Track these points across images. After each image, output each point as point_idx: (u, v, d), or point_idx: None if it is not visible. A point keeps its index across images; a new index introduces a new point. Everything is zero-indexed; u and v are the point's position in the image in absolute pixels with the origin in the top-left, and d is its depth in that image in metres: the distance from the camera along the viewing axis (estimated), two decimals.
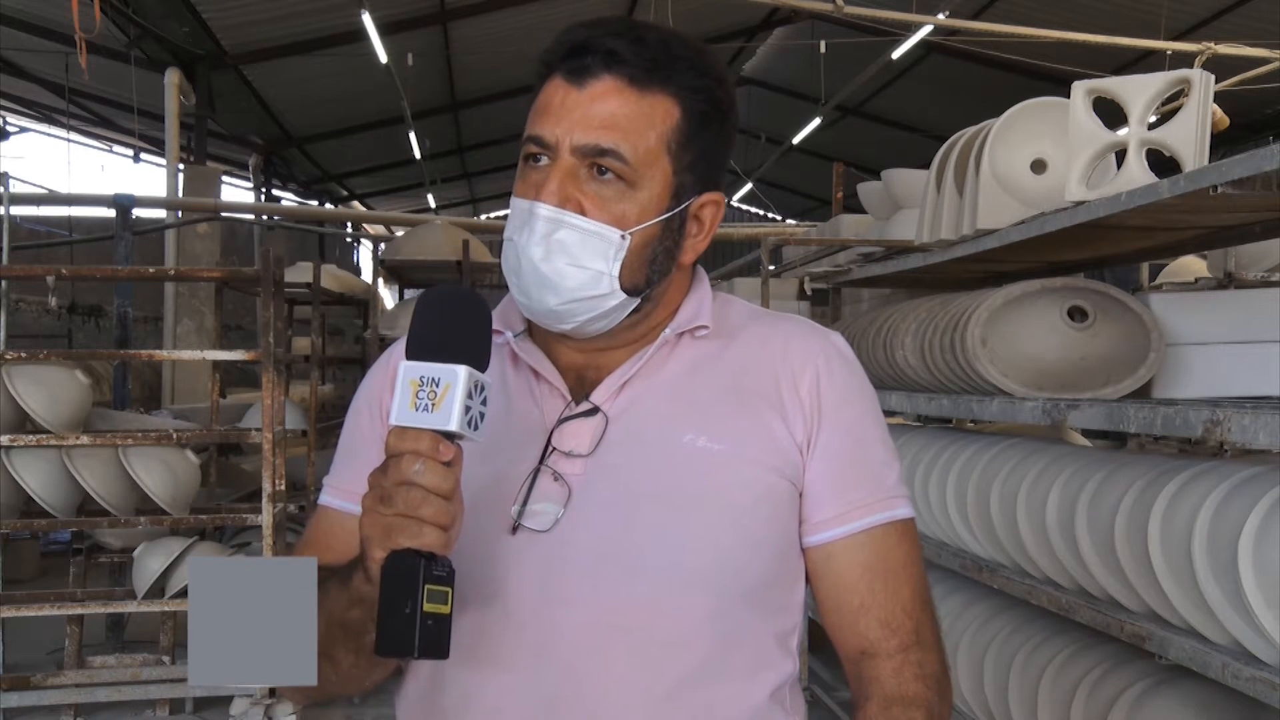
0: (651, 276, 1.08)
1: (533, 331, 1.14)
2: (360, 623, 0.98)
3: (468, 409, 0.91)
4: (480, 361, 0.93)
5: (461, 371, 0.91)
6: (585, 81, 1.04)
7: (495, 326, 1.11)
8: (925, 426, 3.70)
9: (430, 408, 0.90)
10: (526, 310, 1.09)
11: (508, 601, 1.04)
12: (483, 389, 0.93)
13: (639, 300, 1.08)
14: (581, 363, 1.12)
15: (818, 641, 3.77)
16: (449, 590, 0.91)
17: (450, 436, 0.91)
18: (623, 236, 1.05)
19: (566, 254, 1.04)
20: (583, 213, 1.04)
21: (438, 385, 0.91)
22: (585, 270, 1.04)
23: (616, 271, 1.05)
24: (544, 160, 1.06)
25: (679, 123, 1.07)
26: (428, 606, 0.89)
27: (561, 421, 1.09)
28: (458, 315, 0.95)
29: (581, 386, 1.11)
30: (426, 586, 0.89)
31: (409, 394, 0.91)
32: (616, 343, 1.12)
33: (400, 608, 0.89)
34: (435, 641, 0.90)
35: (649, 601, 1.03)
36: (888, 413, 3.77)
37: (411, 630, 0.89)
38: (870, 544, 1.10)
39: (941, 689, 1.11)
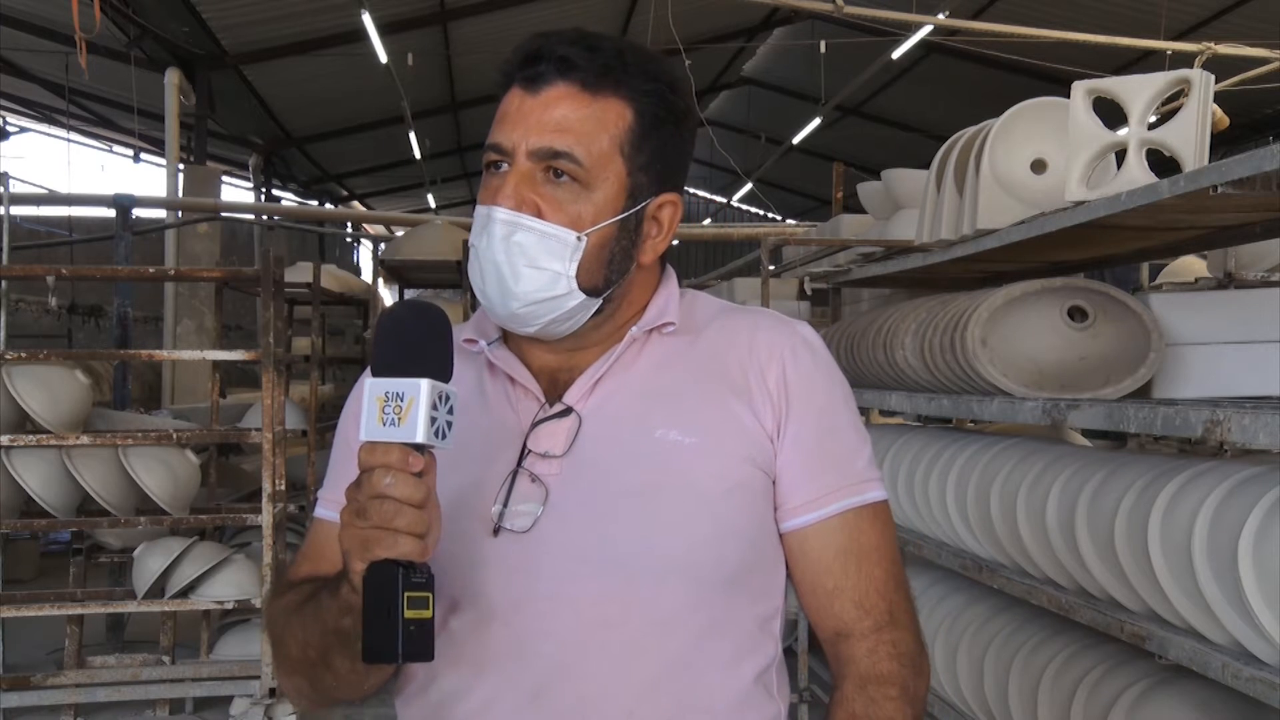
0: (610, 277, 1.11)
1: (507, 338, 1.17)
2: (352, 630, 1.00)
3: (433, 420, 0.93)
4: (442, 373, 0.95)
5: (423, 384, 0.93)
6: (539, 89, 1.08)
7: (470, 335, 1.15)
8: (925, 426, 3.70)
9: (396, 422, 0.93)
10: (491, 314, 1.12)
11: (492, 601, 1.07)
12: (448, 399, 0.95)
13: (600, 301, 1.11)
14: (554, 365, 1.15)
15: (818, 641, 3.76)
16: (429, 595, 0.94)
17: (419, 448, 0.93)
18: (578, 238, 1.08)
19: (525, 255, 1.07)
20: (539, 215, 1.07)
21: (402, 399, 0.93)
22: (543, 272, 1.07)
23: (574, 272, 1.08)
24: (504, 167, 1.09)
25: (631, 125, 1.10)
26: (409, 613, 0.92)
27: (536, 424, 1.11)
28: (417, 329, 0.97)
29: (555, 388, 1.14)
30: (406, 594, 0.92)
31: (375, 410, 0.94)
32: (585, 343, 1.14)
33: (382, 616, 0.92)
34: (419, 646, 0.93)
35: (629, 594, 1.06)
36: (888, 413, 3.77)
37: (394, 637, 0.92)
38: (843, 528, 1.13)
39: (917, 667, 1.13)
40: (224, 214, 9.76)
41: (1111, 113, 2.28)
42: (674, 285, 1.20)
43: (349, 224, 15.16)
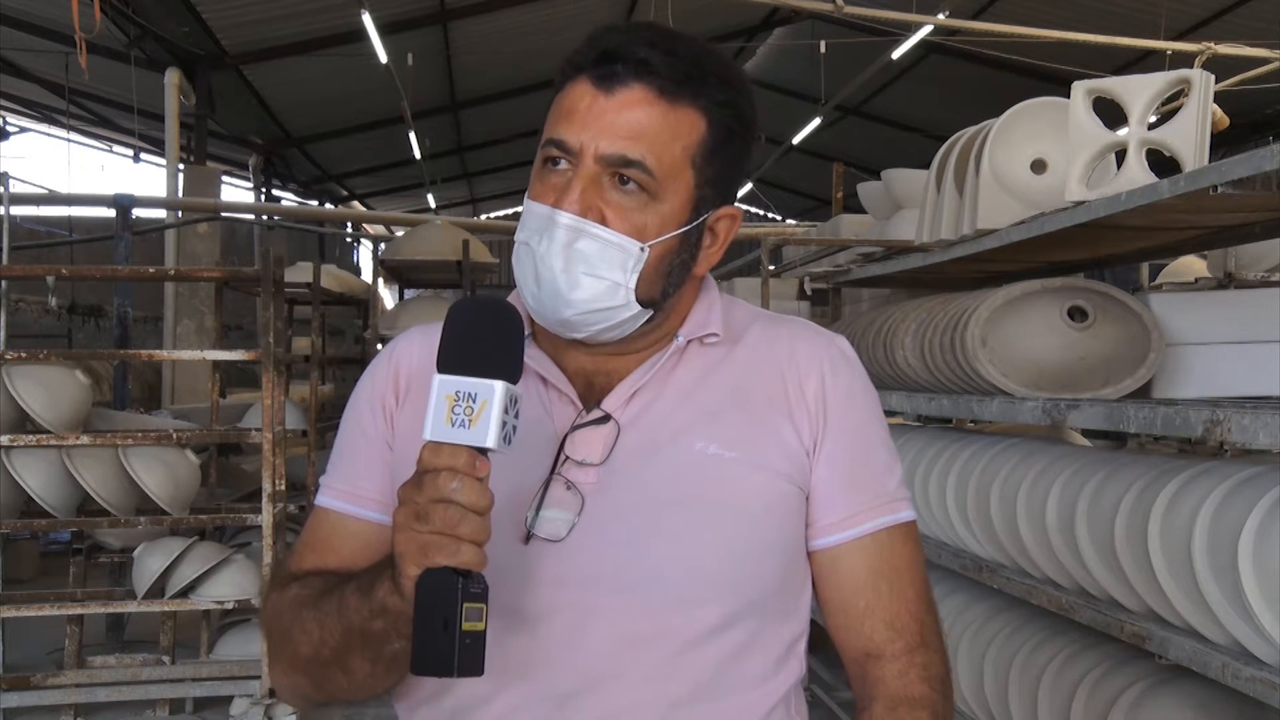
0: (667, 289, 1.08)
1: (538, 336, 1.13)
2: (383, 633, 0.97)
3: (504, 424, 0.89)
4: (514, 374, 0.91)
5: (499, 387, 0.89)
6: (614, 89, 1.03)
7: None
8: (925, 426, 3.70)
9: (467, 424, 0.88)
10: (539, 317, 1.08)
11: (522, 610, 1.03)
12: (516, 402, 0.91)
13: (652, 312, 1.08)
14: (590, 369, 1.11)
15: (817, 641, 3.76)
16: (484, 607, 0.90)
17: (484, 451, 0.90)
18: (642, 249, 1.04)
19: (585, 263, 1.03)
20: (604, 222, 1.03)
21: (474, 400, 0.88)
22: (602, 281, 1.03)
23: (633, 283, 1.04)
24: (564, 164, 1.04)
25: (704, 137, 1.06)
26: (465, 625, 0.88)
27: (574, 429, 1.08)
28: (492, 326, 0.93)
29: (590, 393, 1.10)
30: (464, 605, 0.88)
31: (445, 409, 0.89)
32: (627, 350, 1.11)
33: (438, 626, 0.88)
34: (473, 659, 0.89)
35: (664, 609, 1.03)
36: (888, 413, 3.76)
37: (451, 649, 0.87)
38: (875, 547, 1.11)
39: (945, 690, 1.11)
40: (224, 214, 9.76)
41: (1111, 113, 2.28)
42: (715, 292, 1.17)
43: (349, 224, 15.16)
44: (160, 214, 9.96)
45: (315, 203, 17.66)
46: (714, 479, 1.06)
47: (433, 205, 18.84)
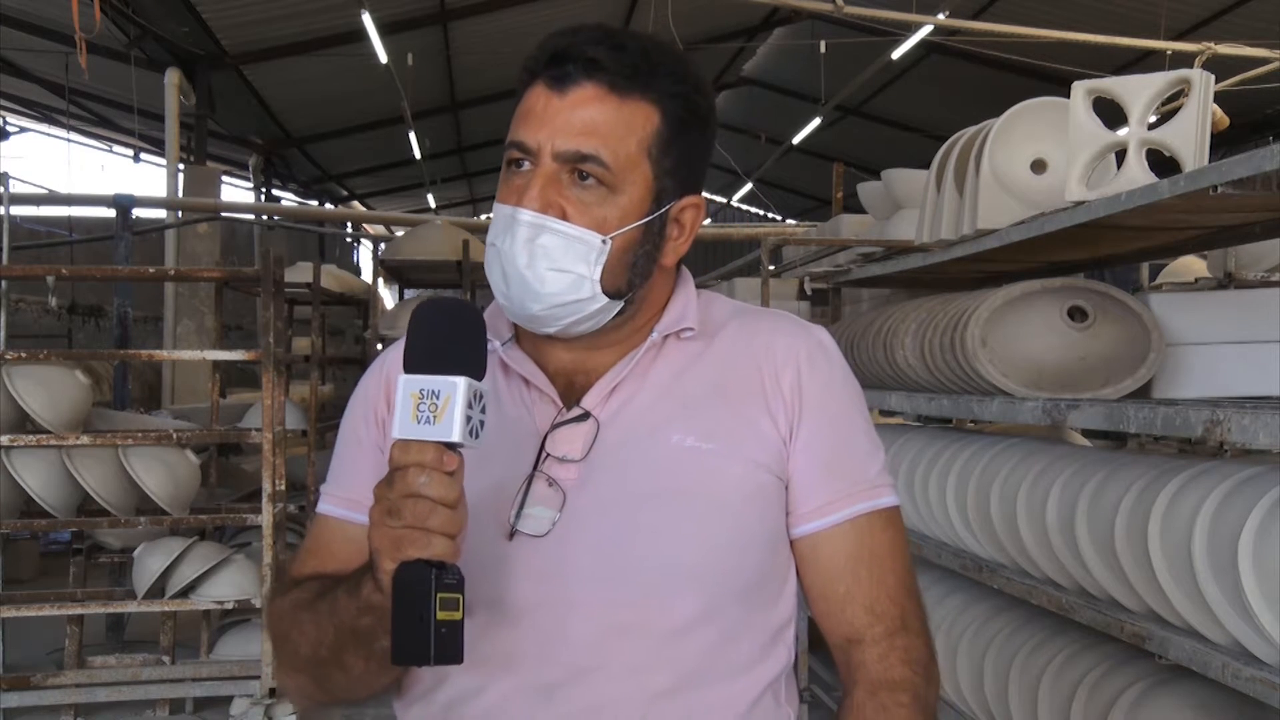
0: (633, 280, 1.10)
1: (520, 338, 1.16)
2: (371, 630, 0.99)
3: (468, 419, 0.92)
4: (478, 370, 0.94)
5: (461, 383, 0.92)
6: (566, 89, 1.06)
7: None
8: (925, 426, 3.70)
9: (432, 420, 0.91)
10: (510, 314, 1.11)
11: (507, 606, 1.06)
12: (482, 397, 0.94)
13: (622, 303, 1.10)
14: (571, 367, 1.14)
15: (818, 641, 3.76)
16: (460, 596, 0.93)
17: (452, 446, 0.92)
18: (604, 241, 1.07)
19: (548, 258, 1.06)
20: (564, 217, 1.06)
21: (438, 397, 0.92)
22: (567, 274, 1.06)
23: (598, 275, 1.07)
24: (526, 165, 1.08)
25: (659, 128, 1.09)
26: (440, 614, 0.91)
27: (554, 427, 1.10)
28: (452, 326, 0.96)
29: (571, 391, 1.13)
30: (438, 595, 0.91)
31: (410, 407, 0.92)
32: (603, 344, 1.13)
33: (414, 618, 0.91)
34: (450, 648, 0.92)
35: (646, 601, 1.05)
36: (888, 413, 3.77)
37: (426, 639, 0.91)
38: (854, 533, 1.13)
39: (928, 673, 1.12)
40: (224, 214, 9.77)
41: (1111, 113, 2.28)
42: (691, 288, 1.19)
43: (349, 224, 15.17)
44: (160, 214, 9.97)
45: (315, 203, 17.67)
46: (693, 472, 1.08)
47: (433, 205, 18.85)
